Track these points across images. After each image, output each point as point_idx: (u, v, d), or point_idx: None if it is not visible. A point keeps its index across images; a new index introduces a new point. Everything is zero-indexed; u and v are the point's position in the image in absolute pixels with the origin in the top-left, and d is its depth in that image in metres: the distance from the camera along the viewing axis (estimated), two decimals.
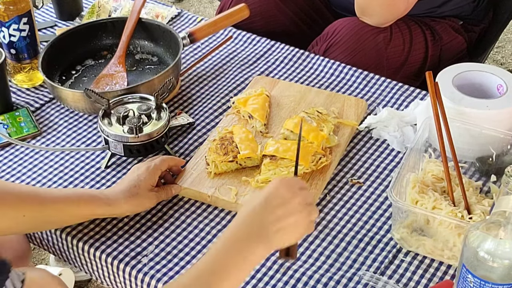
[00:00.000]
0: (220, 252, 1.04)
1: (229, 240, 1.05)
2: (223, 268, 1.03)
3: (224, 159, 1.37)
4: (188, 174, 1.38)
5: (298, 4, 1.93)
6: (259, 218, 1.05)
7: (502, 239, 0.99)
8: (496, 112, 1.36)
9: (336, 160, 1.42)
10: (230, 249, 1.04)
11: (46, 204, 1.22)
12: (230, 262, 1.03)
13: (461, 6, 1.85)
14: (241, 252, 1.04)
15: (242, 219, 1.07)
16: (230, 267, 1.03)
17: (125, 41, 1.67)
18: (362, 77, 1.66)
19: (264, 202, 1.06)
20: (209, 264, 1.03)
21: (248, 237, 1.05)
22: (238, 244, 1.04)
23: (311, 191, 1.34)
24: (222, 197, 1.33)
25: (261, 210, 1.06)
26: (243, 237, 1.05)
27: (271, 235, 1.04)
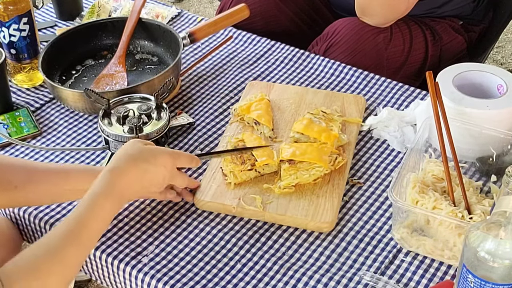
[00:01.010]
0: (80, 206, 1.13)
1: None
2: (86, 217, 1.12)
3: (243, 168, 1.36)
4: (207, 187, 1.36)
5: (298, 4, 1.93)
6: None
7: (502, 239, 0.99)
8: (496, 112, 1.36)
9: (350, 158, 1.42)
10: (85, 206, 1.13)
11: (38, 178, 1.24)
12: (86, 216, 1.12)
13: (461, 6, 1.85)
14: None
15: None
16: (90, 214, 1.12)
17: (125, 41, 1.67)
18: (362, 77, 1.66)
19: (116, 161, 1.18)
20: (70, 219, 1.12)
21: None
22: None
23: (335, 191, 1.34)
24: (249, 207, 1.31)
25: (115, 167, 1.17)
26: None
27: None
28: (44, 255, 1.06)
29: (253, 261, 1.25)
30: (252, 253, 1.27)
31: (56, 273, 1.07)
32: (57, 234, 1.10)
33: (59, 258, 1.07)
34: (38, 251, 1.07)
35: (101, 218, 1.15)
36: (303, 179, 1.35)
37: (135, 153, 1.20)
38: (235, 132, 1.48)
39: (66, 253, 1.08)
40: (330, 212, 1.30)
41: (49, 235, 1.10)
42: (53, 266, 1.06)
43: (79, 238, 1.11)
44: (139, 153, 1.20)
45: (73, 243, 1.10)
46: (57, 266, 1.07)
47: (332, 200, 1.32)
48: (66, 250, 1.08)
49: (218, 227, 1.31)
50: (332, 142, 1.41)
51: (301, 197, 1.33)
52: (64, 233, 1.10)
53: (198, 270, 1.24)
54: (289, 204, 1.32)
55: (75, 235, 1.10)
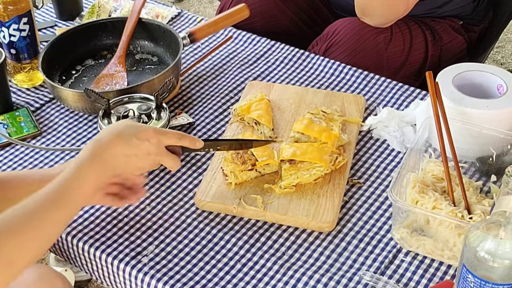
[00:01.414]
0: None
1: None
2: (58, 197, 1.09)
3: (244, 168, 1.35)
4: (208, 188, 1.36)
5: (298, 4, 1.93)
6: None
7: (502, 239, 0.99)
8: (496, 112, 1.36)
9: (350, 158, 1.42)
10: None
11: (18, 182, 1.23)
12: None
13: (461, 6, 1.85)
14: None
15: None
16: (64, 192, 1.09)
17: (125, 41, 1.67)
18: (362, 77, 1.66)
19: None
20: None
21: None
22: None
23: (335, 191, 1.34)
24: (250, 207, 1.31)
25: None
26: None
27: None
28: (23, 215, 1.04)
29: (253, 261, 1.25)
30: (252, 253, 1.27)
31: (33, 236, 1.05)
32: (39, 197, 1.08)
33: (38, 220, 1.05)
34: (17, 212, 1.05)
35: (84, 185, 1.13)
36: (303, 179, 1.35)
37: (119, 127, 1.19)
38: (235, 132, 1.48)
39: (46, 216, 1.06)
40: (331, 212, 1.30)
41: (32, 197, 1.08)
42: (30, 228, 1.04)
43: (60, 203, 1.09)
44: (124, 127, 1.19)
45: (53, 207, 1.08)
46: (36, 229, 1.05)
47: (332, 199, 1.32)
48: (46, 214, 1.06)
49: (218, 227, 1.31)
50: (333, 142, 1.41)
51: (301, 197, 1.33)
52: (46, 196, 1.08)
53: (198, 270, 1.24)
54: (290, 204, 1.32)
55: (57, 200, 1.08)
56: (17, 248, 1.02)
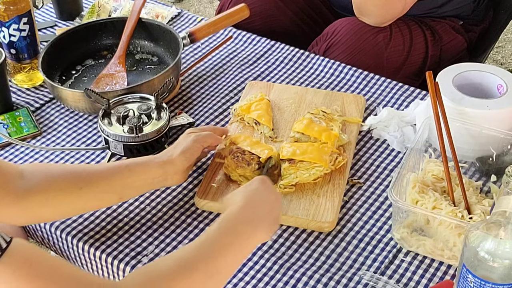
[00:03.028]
0: (214, 236, 1.06)
1: (225, 225, 1.08)
2: (222, 247, 1.04)
3: (252, 169, 1.35)
4: (208, 188, 1.35)
5: (298, 4, 1.93)
6: (255, 207, 1.12)
7: (502, 239, 0.99)
8: (496, 112, 1.36)
9: (350, 158, 1.42)
10: (226, 231, 1.07)
11: (102, 175, 1.22)
12: (230, 241, 1.05)
13: (461, 7, 1.85)
14: (242, 233, 1.08)
15: (236, 211, 1.10)
16: (228, 247, 1.05)
17: (125, 41, 1.67)
18: (362, 77, 1.66)
19: (257, 195, 1.14)
20: (205, 244, 1.04)
21: (249, 221, 1.10)
22: (234, 228, 1.08)
23: (335, 191, 1.34)
24: None
25: (246, 210, 1.11)
26: (243, 221, 1.09)
27: (267, 221, 1.12)
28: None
29: (253, 261, 1.25)
30: (252, 253, 1.26)
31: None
32: (213, 239, 1.05)
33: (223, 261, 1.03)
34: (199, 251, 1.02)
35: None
36: (303, 178, 1.35)
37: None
38: (235, 132, 1.48)
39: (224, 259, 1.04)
40: (331, 212, 1.30)
41: (206, 239, 1.05)
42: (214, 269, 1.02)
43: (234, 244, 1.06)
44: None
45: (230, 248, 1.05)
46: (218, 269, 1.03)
47: (332, 199, 1.32)
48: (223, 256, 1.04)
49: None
50: (333, 142, 1.41)
51: (301, 196, 1.33)
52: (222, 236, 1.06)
53: None
54: (290, 204, 1.32)
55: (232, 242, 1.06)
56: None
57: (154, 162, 1.27)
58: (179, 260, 1.01)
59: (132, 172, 1.24)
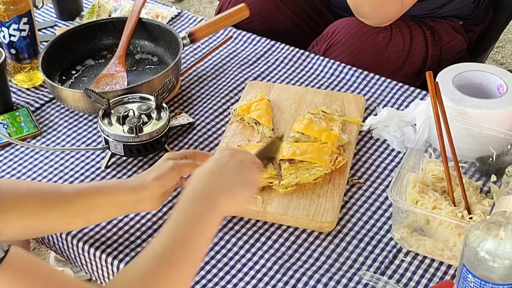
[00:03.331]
0: (184, 211, 1.07)
1: (191, 198, 1.09)
2: (191, 224, 1.05)
3: (270, 167, 1.35)
4: None
5: (298, 4, 1.93)
6: (215, 176, 1.12)
7: (502, 239, 0.99)
8: (496, 112, 1.36)
9: (350, 158, 1.42)
10: (194, 204, 1.08)
11: (69, 198, 1.18)
12: (197, 216, 1.06)
13: (461, 7, 1.85)
14: (205, 205, 1.08)
15: (196, 181, 1.11)
16: (197, 221, 1.06)
17: (125, 41, 1.67)
18: (362, 77, 1.66)
19: (215, 164, 1.14)
20: (175, 224, 1.06)
21: (209, 192, 1.10)
22: (201, 199, 1.09)
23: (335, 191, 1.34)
24: (250, 207, 1.31)
25: (214, 170, 1.13)
26: (204, 192, 1.10)
27: (229, 186, 1.11)
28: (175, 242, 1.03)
29: (253, 261, 1.25)
30: (252, 253, 1.27)
31: (191, 260, 1.04)
32: (183, 221, 1.06)
33: (194, 241, 1.04)
34: (169, 239, 1.04)
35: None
36: (303, 178, 1.35)
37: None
38: (235, 132, 1.48)
39: (198, 235, 1.06)
40: (331, 212, 1.30)
41: (173, 222, 1.06)
42: (186, 253, 1.03)
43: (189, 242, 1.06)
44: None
45: (203, 223, 1.07)
46: (192, 252, 1.04)
47: (332, 199, 1.32)
48: (198, 233, 1.05)
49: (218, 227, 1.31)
50: (333, 142, 1.41)
51: (301, 196, 1.33)
52: (190, 216, 1.07)
53: (198, 270, 1.24)
54: (290, 204, 1.32)
55: (186, 240, 1.06)
56: (177, 276, 1.02)
57: (125, 186, 1.21)
58: (157, 254, 1.02)
59: (102, 194, 1.20)
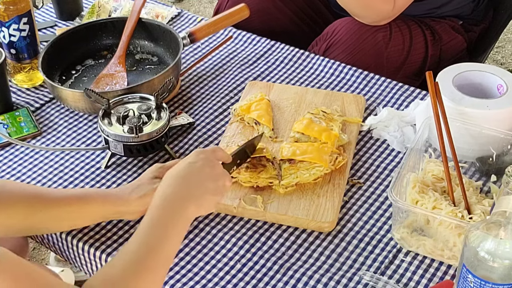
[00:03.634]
0: (155, 217, 1.10)
1: (162, 203, 1.12)
2: (161, 230, 1.09)
3: (260, 170, 1.35)
4: None
5: (297, 3, 1.93)
6: (185, 182, 1.15)
7: (502, 239, 0.99)
8: (496, 112, 1.36)
9: (350, 158, 1.42)
10: (165, 211, 1.11)
11: (53, 203, 1.21)
12: (167, 222, 1.10)
13: (461, 7, 1.85)
14: (175, 212, 1.11)
15: (168, 185, 1.14)
16: (167, 227, 1.09)
17: (125, 41, 1.67)
18: (362, 77, 1.66)
19: (187, 168, 1.16)
20: (147, 230, 1.09)
21: (179, 198, 1.13)
22: (171, 205, 1.12)
23: (335, 191, 1.34)
24: (250, 207, 1.31)
25: (186, 175, 1.16)
26: (174, 198, 1.13)
27: (198, 193, 1.15)
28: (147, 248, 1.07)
29: (253, 261, 1.25)
30: (252, 253, 1.27)
31: (162, 265, 1.08)
32: (151, 226, 1.10)
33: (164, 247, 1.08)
34: (138, 247, 1.07)
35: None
36: (303, 178, 1.35)
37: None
38: (235, 132, 1.48)
39: (166, 241, 1.09)
40: (331, 212, 1.30)
41: (142, 229, 1.10)
42: (158, 258, 1.07)
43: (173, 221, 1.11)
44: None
45: (171, 227, 1.10)
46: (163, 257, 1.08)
47: (332, 199, 1.32)
48: (166, 239, 1.09)
49: (218, 227, 1.31)
50: (333, 142, 1.41)
51: (301, 196, 1.33)
52: (159, 222, 1.10)
53: (198, 270, 1.24)
54: (290, 204, 1.32)
55: (171, 220, 1.10)
56: (148, 279, 1.05)
57: (110, 198, 1.24)
58: (129, 260, 1.05)
59: (87, 203, 1.23)
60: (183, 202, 1.13)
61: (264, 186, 1.34)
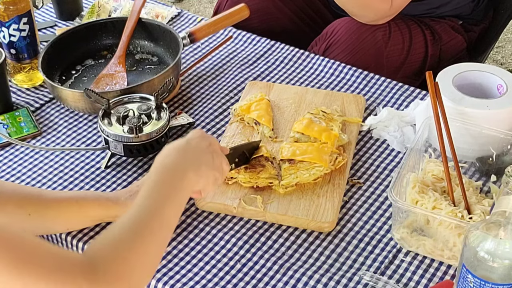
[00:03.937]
0: (154, 182, 1.08)
1: (161, 170, 1.11)
2: (161, 194, 1.07)
3: (260, 170, 1.35)
4: None
5: (296, 3, 1.93)
6: (183, 153, 1.15)
7: (502, 239, 0.99)
8: (496, 112, 1.36)
9: (350, 158, 1.42)
10: (164, 176, 1.10)
11: (50, 204, 1.21)
12: (167, 187, 1.08)
13: (460, 6, 1.85)
14: (175, 177, 1.10)
15: (165, 155, 1.14)
16: (168, 191, 1.08)
17: (125, 41, 1.67)
18: (362, 77, 1.66)
19: (184, 143, 1.17)
20: (147, 195, 1.07)
21: (178, 165, 1.12)
22: (171, 172, 1.11)
23: (335, 191, 1.34)
24: (250, 207, 1.31)
25: (183, 148, 1.16)
26: (174, 166, 1.12)
27: (197, 164, 1.14)
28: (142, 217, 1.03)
29: (253, 261, 1.25)
30: (252, 253, 1.27)
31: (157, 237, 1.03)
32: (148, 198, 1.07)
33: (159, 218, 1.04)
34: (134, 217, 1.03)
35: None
36: (303, 178, 1.35)
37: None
38: (235, 132, 1.48)
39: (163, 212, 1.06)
40: (330, 212, 1.30)
41: (139, 203, 1.06)
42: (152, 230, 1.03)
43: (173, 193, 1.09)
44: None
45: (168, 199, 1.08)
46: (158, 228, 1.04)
47: (332, 199, 1.32)
48: (162, 210, 1.06)
49: (218, 227, 1.31)
50: (333, 142, 1.41)
51: (301, 196, 1.33)
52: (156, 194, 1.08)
53: (198, 270, 1.24)
54: (290, 204, 1.32)
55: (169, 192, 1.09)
56: (148, 245, 1.01)
57: (105, 204, 1.24)
58: (129, 224, 1.01)
59: (81, 206, 1.24)
60: (182, 169, 1.12)
61: (264, 186, 1.34)
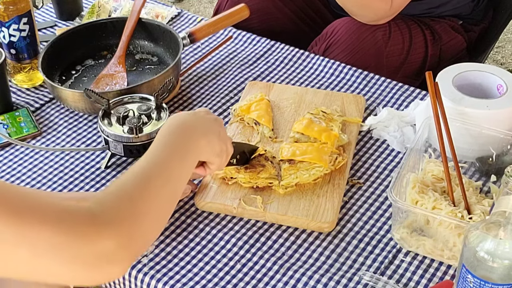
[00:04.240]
0: (164, 140, 1.08)
1: (173, 130, 1.11)
2: (171, 151, 1.06)
3: (259, 170, 1.35)
4: (208, 188, 1.35)
5: (296, 3, 1.93)
6: (191, 121, 1.15)
7: (502, 239, 0.99)
8: (496, 112, 1.36)
9: (350, 158, 1.42)
10: (175, 136, 1.10)
11: None
12: (178, 145, 1.08)
13: (460, 6, 1.85)
14: (186, 137, 1.10)
15: (174, 120, 1.14)
16: (178, 149, 1.07)
17: (125, 41, 1.67)
18: (362, 77, 1.66)
19: (190, 114, 1.17)
20: (157, 149, 1.06)
21: (189, 128, 1.12)
22: (182, 132, 1.11)
23: (335, 191, 1.34)
24: (250, 207, 1.31)
25: (189, 119, 1.15)
26: (184, 129, 1.12)
27: (205, 130, 1.15)
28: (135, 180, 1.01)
29: (253, 261, 1.25)
30: (252, 253, 1.27)
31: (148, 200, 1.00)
32: (162, 152, 1.06)
33: (168, 170, 1.04)
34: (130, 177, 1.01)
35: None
36: (303, 178, 1.35)
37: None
38: (235, 132, 1.48)
39: (173, 165, 1.05)
40: (330, 212, 1.30)
41: (149, 157, 1.06)
42: (162, 181, 1.02)
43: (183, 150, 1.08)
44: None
45: (179, 156, 1.07)
46: (167, 181, 1.03)
47: (332, 200, 1.32)
48: (173, 163, 1.05)
49: (218, 227, 1.31)
50: (333, 142, 1.41)
51: (301, 197, 1.33)
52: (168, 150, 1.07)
53: (197, 270, 1.24)
54: (290, 204, 1.32)
55: (180, 150, 1.08)
56: (154, 199, 0.99)
57: None
58: (136, 175, 1.01)
59: None
60: (193, 132, 1.12)
61: (264, 187, 1.34)
